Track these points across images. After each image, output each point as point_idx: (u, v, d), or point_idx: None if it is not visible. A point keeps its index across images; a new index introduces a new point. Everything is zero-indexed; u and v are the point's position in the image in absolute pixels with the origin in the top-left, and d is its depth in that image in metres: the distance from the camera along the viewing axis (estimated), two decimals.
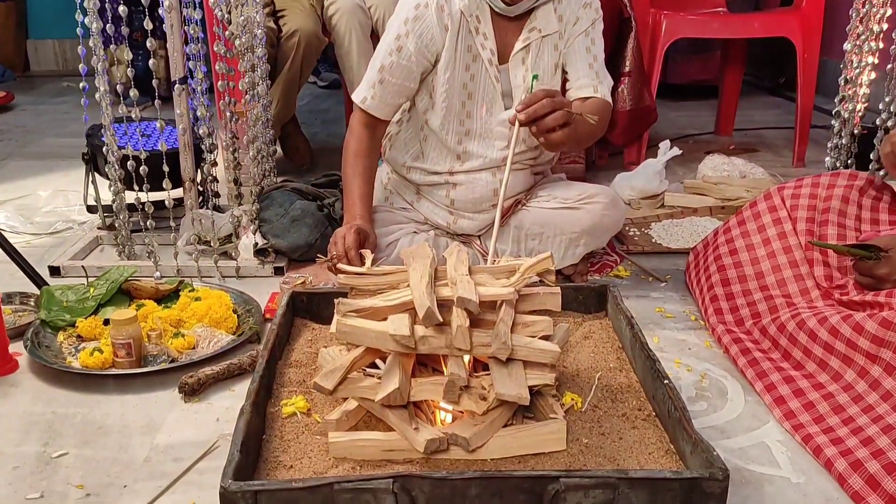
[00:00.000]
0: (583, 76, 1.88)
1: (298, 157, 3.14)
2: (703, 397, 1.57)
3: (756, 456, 1.40)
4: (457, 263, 1.28)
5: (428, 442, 1.13)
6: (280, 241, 2.16)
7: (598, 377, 1.38)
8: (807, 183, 1.83)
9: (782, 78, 4.76)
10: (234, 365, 1.63)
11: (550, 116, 1.58)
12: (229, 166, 2.19)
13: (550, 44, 1.85)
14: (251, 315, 1.85)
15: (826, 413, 1.44)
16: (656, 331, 1.83)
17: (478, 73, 1.84)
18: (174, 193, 2.11)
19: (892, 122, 2.37)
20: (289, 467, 1.16)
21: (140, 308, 1.79)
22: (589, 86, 1.86)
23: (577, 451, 1.18)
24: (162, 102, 2.09)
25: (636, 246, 2.34)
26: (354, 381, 1.21)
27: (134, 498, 1.28)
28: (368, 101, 1.87)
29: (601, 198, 1.94)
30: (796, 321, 1.60)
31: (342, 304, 1.23)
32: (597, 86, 1.86)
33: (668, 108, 4.03)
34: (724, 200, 2.64)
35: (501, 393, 1.14)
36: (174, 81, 2.15)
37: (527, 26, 1.83)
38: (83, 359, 1.64)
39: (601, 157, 3.21)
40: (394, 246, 1.93)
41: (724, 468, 1.03)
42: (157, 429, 1.47)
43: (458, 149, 1.91)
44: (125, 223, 2.20)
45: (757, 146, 3.54)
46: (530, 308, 1.27)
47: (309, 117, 4.11)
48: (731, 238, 1.87)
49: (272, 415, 1.28)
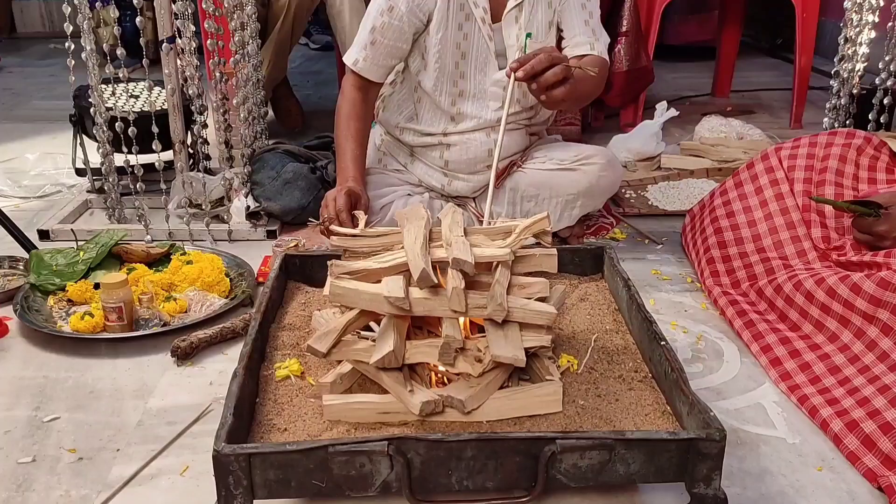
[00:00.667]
0: (578, 33, 1.84)
1: (290, 120, 3.10)
2: (700, 359, 1.57)
3: (752, 417, 1.39)
4: (452, 224, 1.26)
5: (423, 404, 1.12)
6: (272, 204, 2.13)
7: (594, 339, 1.36)
8: (804, 143, 1.80)
9: (780, 39, 4.71)
10: (227, 328, 1.62)
11: (550, 71, 1.53)
12: (220, 128, 2.16)
13: (544, 1, 1.81)
14: (244, 278, 1.84)
15: (822, 374, 1.44)
16: (652, 293, 1.82)
17: (471, 33, 1.81)
18: (164, 156, 2.08)
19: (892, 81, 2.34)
20: (283, 430, 1.15)
21: (131, 272, 1.77)
22: (585, 43, 1.83)
23: (573, 413, 1.17)
24: (150, 63, 2.05)
25: (632, 208, 2.32)
26: (349, 343, 1.20)
27: (127, 462, 1.27)
28: (360, 63, 1.83)
29: (598, 159, 1.91)
30: (793, 282, 1.59)
31: (336, 266, 1.21)
32: (593, 43, 1.82)
33: (664, 69, 3.98)
34: (721, 162, 2.62)
35: (497, 355, 1.13)
36: (162, 41, 2.10)
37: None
38: (74, 323, 1.62)
39: (597, 118, 3.18)
40: (388, 209, 1.91)
41: (722, 429, 1.02)
42: (150, 393, 1.46)
43: (451, 110, 1.88)
44: (115, 186, 2.17)
45: (754, 108, 3.51)
46: (526, 270, 1.25)
47: (301, 79, 4.06)
48: (727, 200, 1.86)
49: (265, 378, 1.27)
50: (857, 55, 2.38)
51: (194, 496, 1.20)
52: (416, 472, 1.03)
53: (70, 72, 2.01)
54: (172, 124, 2.18)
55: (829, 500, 1.20)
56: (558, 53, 1.59)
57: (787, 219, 1.73)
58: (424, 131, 1.92)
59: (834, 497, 1.20)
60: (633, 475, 1.05)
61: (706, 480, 1.03)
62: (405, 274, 1.20)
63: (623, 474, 1.04)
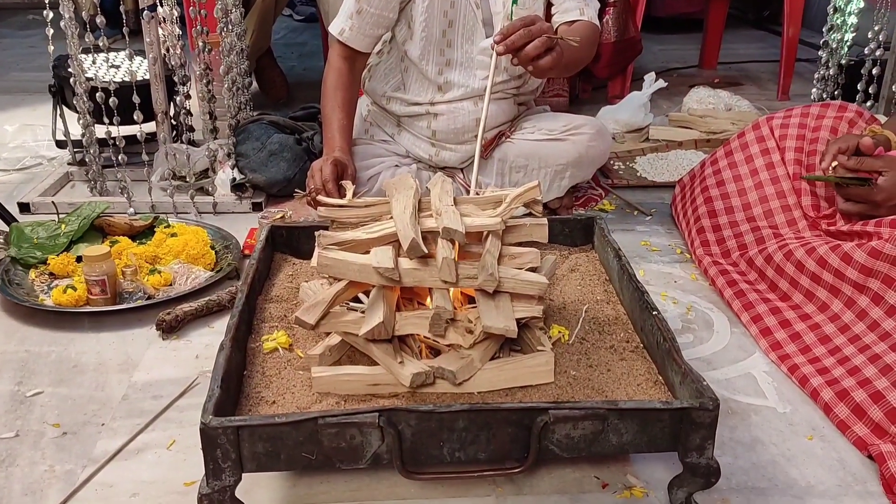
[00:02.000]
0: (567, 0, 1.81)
1: (274, 91, 3.05)
2: (690, 329, 1.56)
3: (742, 386, 1.39)
4: (441, 194, 1.23)
5: (414, 376, 1.11)
6: (258, 175, 2.10)
7: (585, 310, 1.35)
8: (796, 113, 1.79)
9: (766, 11, 4.69)
10: (213, 301, 1.60)
11: (530, 45, 1.50)
12: (203, 98, 2.12)
13: None
14: (229, 251, 1.81)
15: (812, 343, 1.43)
16: (642, 264, 1.81)
17: (458, 1, 1.78)
18: (146, 127, 2.04)
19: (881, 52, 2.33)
20: (271, 403, 1.13)
21: (114, 244, 1.74)
22: (575, 8, 1.80)
23: (564, 384, 1.16)
24: (131, 32, 2.01)
25: (621, 180, 2.31)
26: (337, 315, 1.18)
27: (112, 436, 1.26)
28: (346, 33, 1.80)
29: (587, 129, 1.90)
30: (783, 252, 1.58)
31: (323, 236, 1.19)
32: (583, 8, 1.79)
33: (651, 41, 3.96)
34: (710, 133, 2.60)
35: (488, 326, 1.11)
36: (143, 9, 2.05)
37: None
38: (56, 296, 1.60)
39: (585, 90, 3.16)
40: (375, 179, 1.88)
41: (715, 398, 1.01)
42: (135, 366, 1.44)
43: (438, 79, 1.85)
44: (96, 158, 2.13)
45: (741, 79, 3.49)
46: (517, 240, 1.24)
47: (285, 51, 4.00)
48: (718, 169, 1.84)
49: (253, 350, 1.25)
50: (846, 25, 2.37)
51: (181, 470, 1.19)
52: (408, 444, 1.02)
53: (49, 41, 1.96)
54: (155, 95, 2.14)
55: (819, 468, 1.20)
56: (540, 24, 1.53)
57: (777, 188, 1.72)
58: (412, 101, 1.90)
59: (824, 465, 1.20)
60: (626, 445, 1.04)
61: (699, 450, 1.02)
62: (394, 244, 1.18)
63: (616, 444, 1.03)
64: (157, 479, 1.17)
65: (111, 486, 1.16)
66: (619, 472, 1.18)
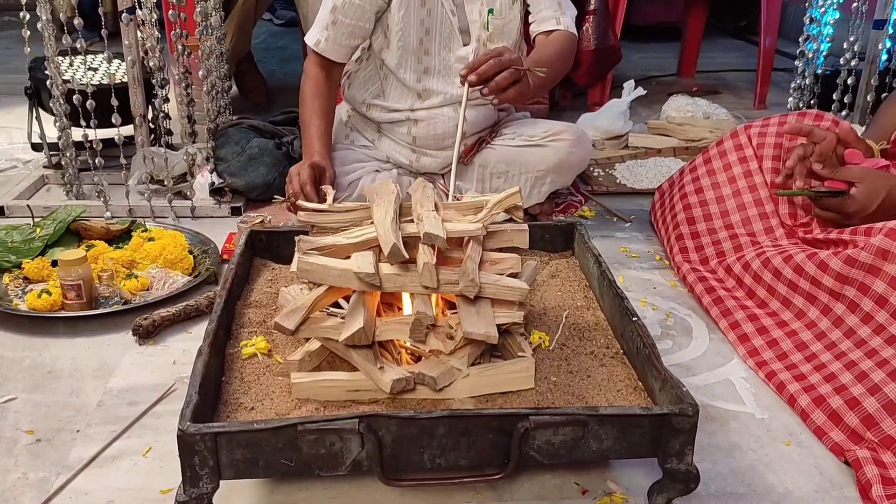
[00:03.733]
0: (545, 7, 1.82)
1: (254, 95, 3.04)
2: (669, 336, 1.57)
3: (721, 392, 1.40)
4: (422, 199, 1.23)
5: (394, 382, 1.10)
6: (237, 180, 2.08)
7: (565, 315, 1.36)
8: (773, 122, 1.80)
9: (743, 21, 4.74)
10: (191, 306, 1.58)
11: (500, 76, 1.52)
12: (182, 102, 2.10)
13: None
14: (208, 256, 1.80)
15: (789, 350, 1.45)
16: (621, 270, 1.82)
17: (434, 8, 1.78)
18: (124, 130, 2.02)
19: (856, 62, 2.36)
20: (250, 409, 1.12)
21: (90, 249, 1.72)
22: (551, 18, 1.81)
23: (545, 390, 1.16)
24: (109, 35, 1.98)
25: (600, 186, 2.32)
26: (317, 320, 1.17)
27: (87, 443, 1.24)
28: (322, 44, 1.80)
29: (567, 135, 1.90)
30: (761, 259, 1.60)
31: (303, 241, 1.18)
32: (559, 17, 1.80)
33: (631, 49, 3.98)
34: (688, 141, 2.62)
35: (470, 332, 1.11)
36: (121, 11, 2.03)
37: None
38: (30, 301, 1.57)
39: (565, 97, 3.17)
40: (356, 185, 1.88)
41: (694, 404, 1.01)
42: (111, 372, 1.42)
43: (417, 87, 1.85)
44: (72, 161, 2.10)
45: (719, 88, 3.53)
46: (497, 245, 1.24)
47: (265, 55, 3.98)
48: (696, 176, 1.86)
49: (231, 356, 1.24)
50: (821, 35, 2.40)
51: (158, 477, 1.17)
52: (388, 451, 1.01)
53: (25, 43, 1.94)
54: (133, 98, 2.12)
55: (797, 474, 1.21)
56: (509, 56, 1.55)
57: (755, 195, 1.74)
58: (391, 108, 1.89)
59: (802, 471, 1.21)
60: (607, 451, 1.04)
61: (679, 456, 1.03)
62: (375, 249, 1.17)
63: (596, 450, 1.04)
64: (133, 486, 1.16)
65: (86, 494, 1.14)
66: (598, 479, 1.18)
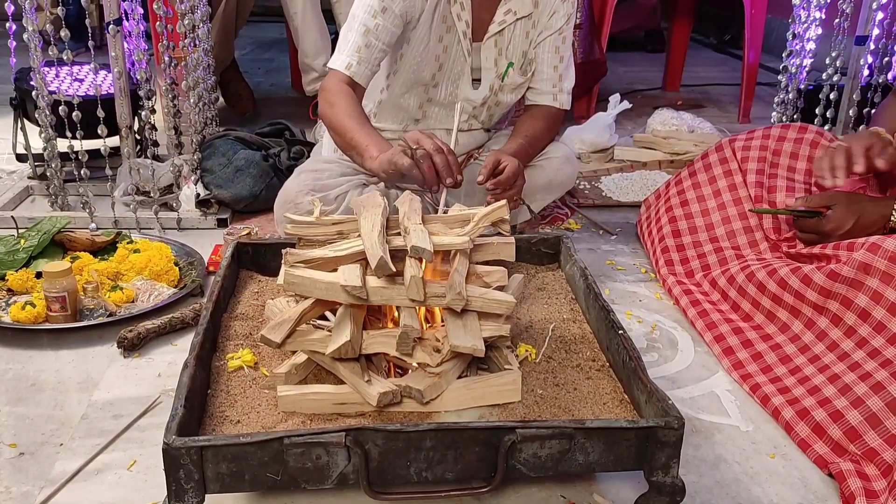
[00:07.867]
0: (546, 79, 1.85)
1: (241, 105, 3.03)
2: (654, 348, 1.58)
3: (706, 405, 1.41)
4: (409, 212, 1.24)
5: (381, 395, 1.10)
6: (223, 191, 2.08)
7: (551, 328, 1.36)
8: (757, 135, 1.82)
9: (727, 35, 4.79)
10: (177, 319, 1.58)
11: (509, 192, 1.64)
12: (168, 113, 2.10)
13: (523, 30, 1.80)
14: (194, 268, 1.79)
15: (773, 363, 1.46)
16: (607, 283, 1.83)
17: (451, 46, 1.78)
18: (110, 141, 2.01)
19: (838, 77, 2.39)
20: (236, 422, 1.12)
21: (75, 260, 1.71)
22: (549, 93, 1.86)
23: (532, 403, 1.16)
24: (96, 45, 1.98)
25: (586, 199, 2.33)
26: (304, 333, 1.17)
27: (71, 456, 1.23)
28: (354, 68, 1.68)
29: (556, 154, 1.92)
30: (745, 273, 1.61)
31: (290, 254, 1.18)
32: (556, 94, 1.86)
33: (616, 62, 4.01)
34: (673, 154, 2.64)
35: (456, 344, 1.11)
36: (108, 23, 2.03)
37: (501, 5, 1.77)
38: (14, 313, 1.56)
39: None
40: (343, 198, 1.87)
41: (680, 417, 1.02)
42: (95, 385, 1.41)
43: (417, 113, 1.87)
44: (58, 172, 2.09)
45: (703, 102, 3.56)
46: (484, 258, 1.24)
47: (252, 66, 3.99)
48: (682, 189, 1.87)
49: (217, 369, 1.23)
50: (804, 50, 2.43)
51: (142, 491, 1.16)
52: (374, 464, 1.01)
53: (11, 54, 1.93)
54: (119, 109, 2.11)
55: (781, 486, 1.21)
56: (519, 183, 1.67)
57: (739, 209, 1.75)
58: (384, 128, 1.89)
59: (787, 483, 1.22)
60: (593, 464, 1.04)
61: (664, 468, 1.03)
62: (362, 262, 1.17)
63: (583, 463, 1.04)
64: (118, 500, 1.15)
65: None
66: (585, 491, 1.19)
